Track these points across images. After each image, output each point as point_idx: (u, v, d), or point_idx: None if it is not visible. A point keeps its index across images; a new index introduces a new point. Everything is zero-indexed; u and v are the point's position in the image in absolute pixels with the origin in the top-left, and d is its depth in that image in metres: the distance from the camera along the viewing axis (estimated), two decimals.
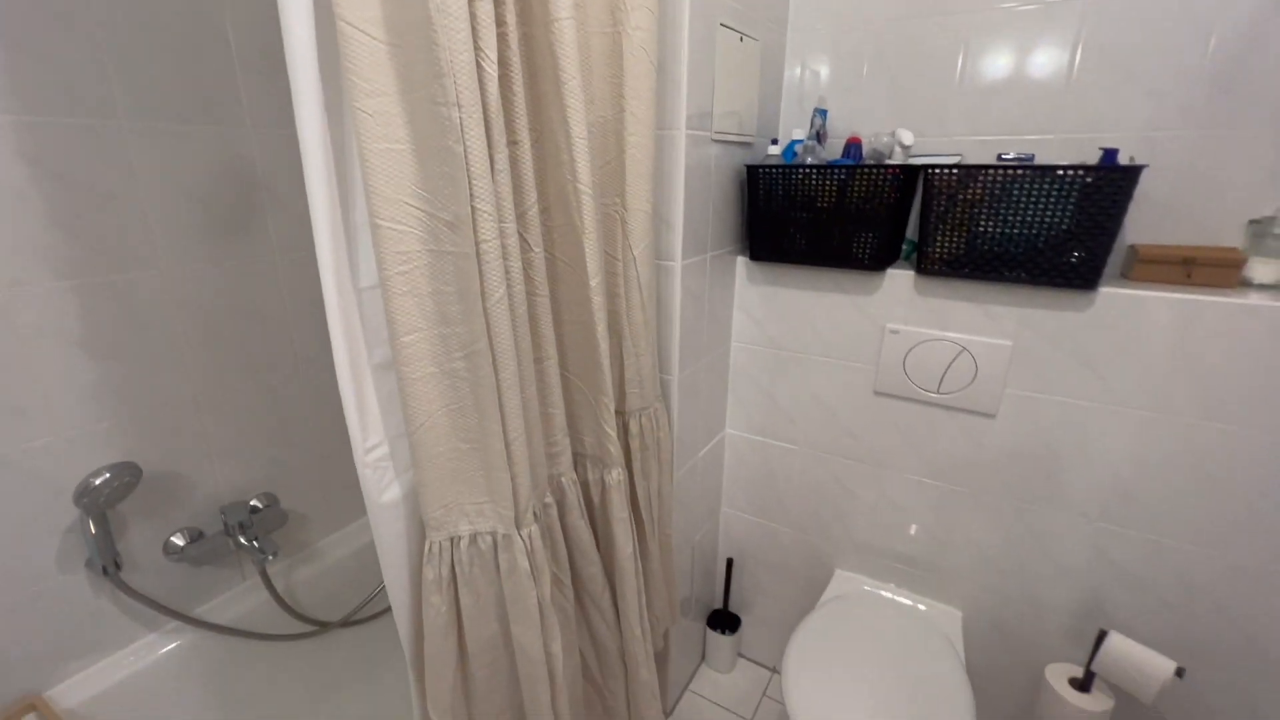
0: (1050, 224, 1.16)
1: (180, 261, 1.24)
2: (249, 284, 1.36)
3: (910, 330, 1.38)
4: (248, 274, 1.35)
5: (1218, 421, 1.13)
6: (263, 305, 1.39)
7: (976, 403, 1.34)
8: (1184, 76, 1.18)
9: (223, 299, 1.32)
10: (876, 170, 1.28)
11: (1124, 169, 1.09)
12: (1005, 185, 1.18)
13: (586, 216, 0.89)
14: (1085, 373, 1.22)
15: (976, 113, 1.38)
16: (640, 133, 1.05)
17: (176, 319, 1.25)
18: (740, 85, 1.38)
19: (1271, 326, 1.06)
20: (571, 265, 0.95)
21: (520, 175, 0.84)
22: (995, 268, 1.23)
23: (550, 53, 0.82)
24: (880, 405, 1.47)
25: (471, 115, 0.70)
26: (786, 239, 1.43)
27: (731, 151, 1.43)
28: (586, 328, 0.98)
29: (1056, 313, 1.23)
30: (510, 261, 0.81)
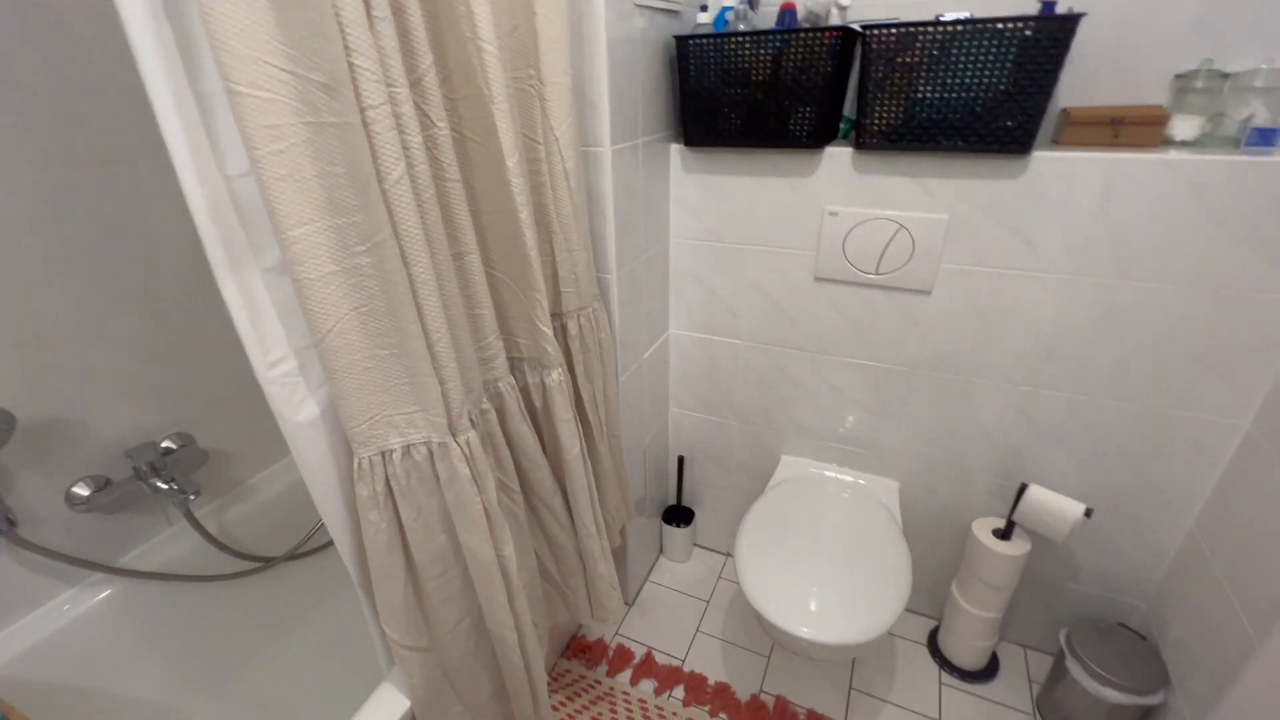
0: (989, 85, 1.11)
1: (17, 171, 1.04)
2: (109, 191, 1.16)
3: (849, 211, 1.35)
4: (106, 179, 1.15)
5: (1132, 279, 1.18)
6: (131, 215, 1.20)
7: (913, 281, 1.35)
8: None
9: (82, 214, 1.13)
10: (812, 35, 1.19)
11: (1063, 18, 1.04)
12: (944, 45, 1.12)
13: (494, 83, 0.78)
14: (1016, 241, 1.24)
15: None
16: None
17: (29, 241, 1.07)
18: None
19: (1188, 180, 1.08)
20: (484, 144, 0.84)
21: (408, 29, 0.71)
22: (934, 137, 1.19)
23: None
24: (821, 291, 1.46)
25: None
26: (721, 119, 1.34)
27: (659, 22, 1.29)
28: (509, 216, 0.88)
29: (992, 181, 1.21)
30: (408, 135, 0.70)
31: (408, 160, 0.70)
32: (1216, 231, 1.09)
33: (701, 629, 1.77)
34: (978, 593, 1.49)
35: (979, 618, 1.50)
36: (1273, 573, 1.05)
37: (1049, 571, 1.53)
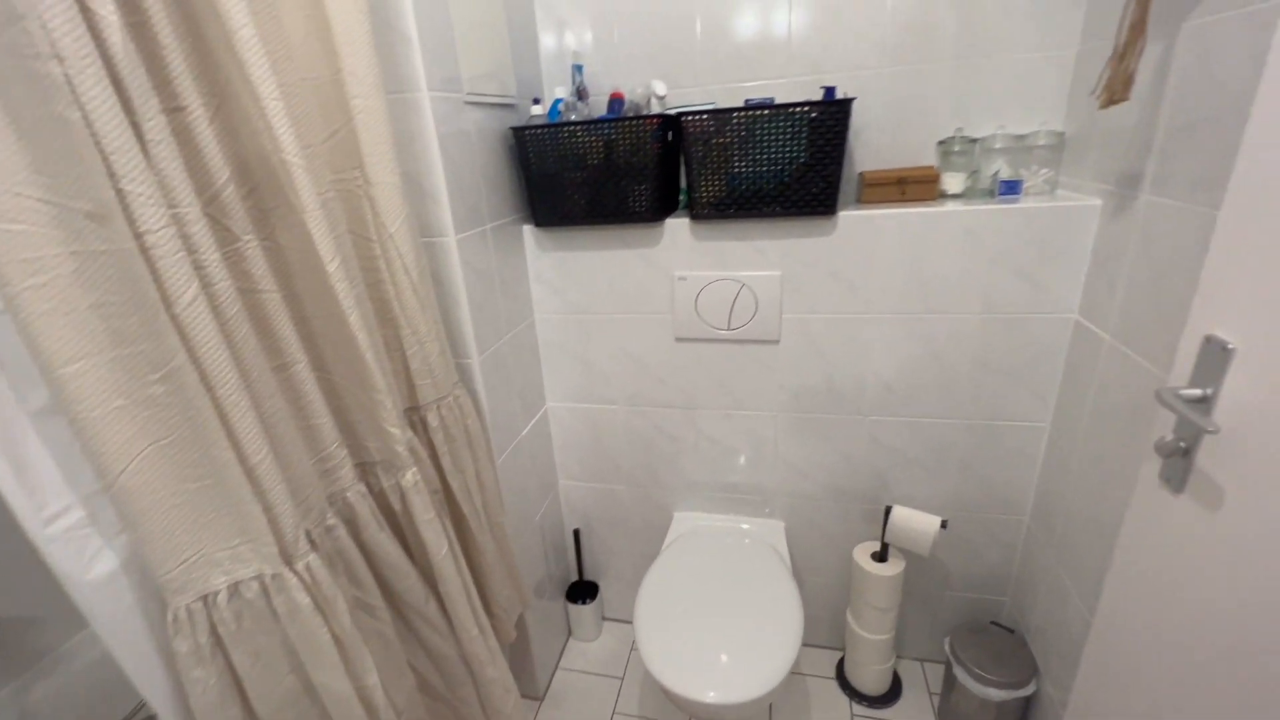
0: (791, 159, 1.26)
1: None
2: None
3: (696, 275, 1.44)
4: None
5: (938, 313, 1.35)
6: None
7: (762, 332, 1.46)
8: (875, 19, 1.35)
9: None
10: (637, 122, 1.30)
11: (839, 102, 1.22)
12: (750, 127, 1.26)
13: (303, 193, 0.77)
14: (840, 288, 1.38)
15: (722, 63, 1.46)
16: (366, 94, 0.93)
17: None
18: (489, 45, 1.30)
19: (961, 227, 1.27)
20: (302, 252, 0.82)
21: (197, 148, 0.69)
22: (755, 205, 1.32)
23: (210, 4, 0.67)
24: (683, 350, 1.53)
25: (84, 71, 0.54)
26: (566, 200, 1.41)
27: (494, 115, 1.35)
28: (338, 320, 0.85)
29: (810, 239, 1.36)
30: (201, 255, 0.67)
31: (203, 280, 0.67)
32: (992, 267, 1.28)
33: (619, 710, 1.69)
34: (869, 617, 1.55)
35: (874, 641, 1.57)
36: (1091, 550, 1.20)
37: (925, 584, 1.64)
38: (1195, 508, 0.80)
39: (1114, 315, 1.12)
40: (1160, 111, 0.98)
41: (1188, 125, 0.92)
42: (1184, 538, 0.82)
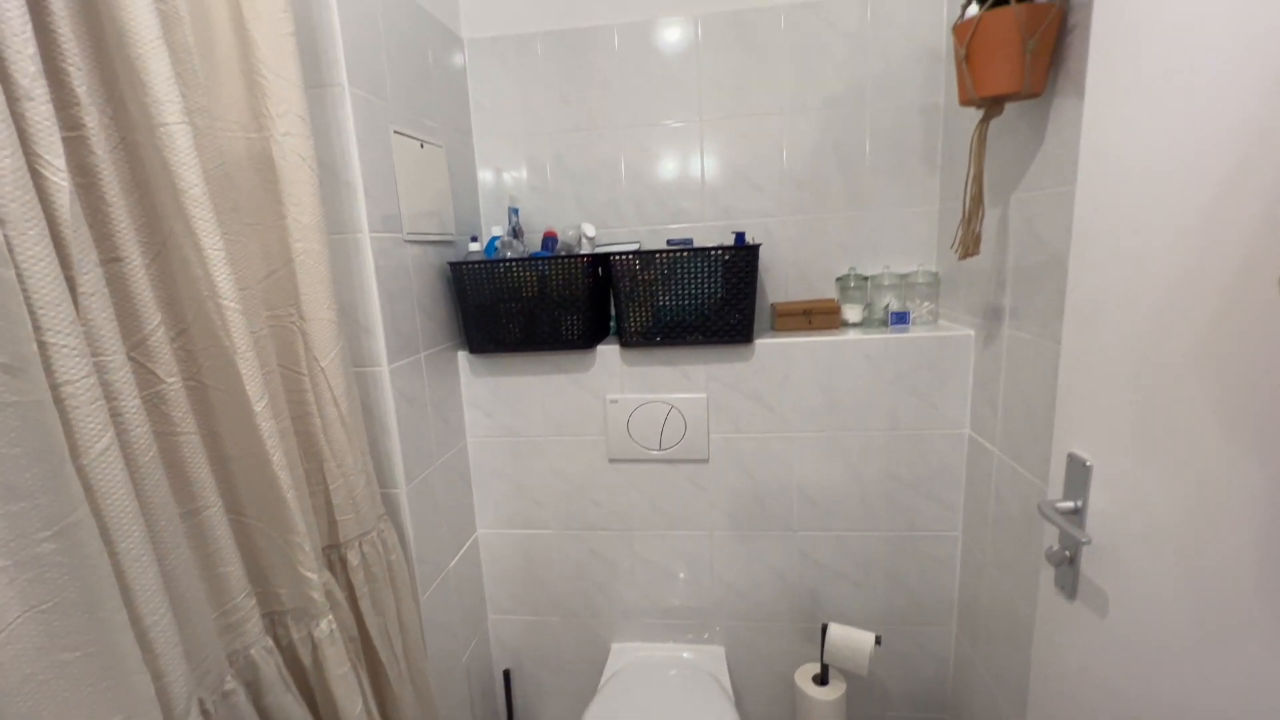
0: (710, 294, 1.40)
1: None
2: None
3: (627, 398, 1.50)
4: None
5: (848, 430, 1.46)
6: None
7: (692, 452, 1.51)
8: (774, 177, 1.57)
9: None
10: (569, 260, 1.41)
11: (748, 248, 1.38)
12: (672, 265, 1.39)
13: (236, 335, 0.78)
14: (761, 409, 1.47)
15: (645, 207, 1.63)
16: (308, 238, 0.98)
17: None
18: (430, 188, 1.40)
19: (861, 353, 1.42)
20: (229, 392, 0.81)
21: (131, 296, 0.70)
22: (679, 334, 1.43)
23: (161, 161, 0.71)
24: (616, 471, 1.55)
25: (27, 233, 0.56)
26: (501, 329, 1.47)
27: (433, 250, 1.42)
28: (259, 459, 0.83)
29: (731, 364, 1.47)
30: (121, 401, 0.65)
31: (119, 427, 0.65)
32: (892, 388, 1.42)
33: None
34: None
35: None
36: (1013, 660, 1.24)
37: (868, 707, 1.61)
38: (1088, 613, 0.87)
39: (999, 431, 1.25)
40: (1006, 260, 1.18)
41: (1027, 271, 1.11)
42: (1086, 644, 0.88)
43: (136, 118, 0.71)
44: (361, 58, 1.14)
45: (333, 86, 1.09)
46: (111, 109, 0.70)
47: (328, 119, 1.10)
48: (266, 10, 0.91)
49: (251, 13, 0.90)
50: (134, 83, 0.69)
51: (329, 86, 1.09)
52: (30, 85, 0.58)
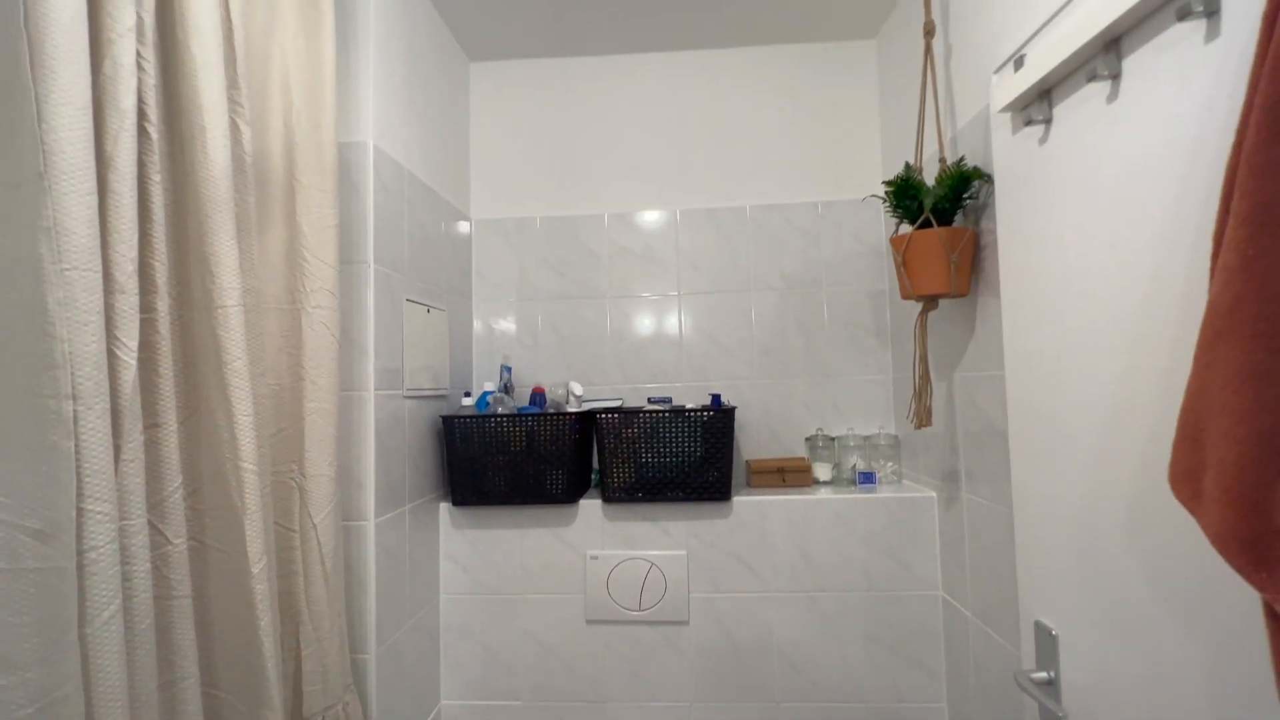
0: (689, 452, 1.48)
1: None
2: None
3: (607, 554, 1.51)
4: None
5: (826, 590, 1.47)
6: None
7: (672, 613, 1.49)
8: (743, 344, 1.75)
9: None
10: (557, 417, 1.49)
11: (725, 410, 1.50)
12: (654, 424, 1.49)
13: (249, 495, 0.81)
14: (740, 568, 1.49)
15: (628, 366, 1.77)
16: (322, 399, 1.05)
17: None
18: (430, 347, 1.51)
19: (833, 512, 1.48)
20: (228, 553, 0.82)
21: (160, 459, 0.74)
22: (660, 490, 1.48)
23: (213, 337, 0.80)
24: (593, 633, 1.50)
25: (93, 408, 0.62)
26: (487, 482, 1.50)
27: (427, 404, 1.50)
28: (245, 627, 0.82)
29: (710, 521, 1.51)
30: (133, 565, 0.67)
31: (126, 592, 0.66)
32: (864, 547, 1.47)
33: None
34: None
35: None
36: None
37: None
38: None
39: (970, 594, 1.29)
40: (956, 428, 1.31)
41: (974, 438, 1.24)
42: None
43: (199, 300, 0.81)
44: (386, 239, 1.30)
45: (359, 264, 1.24)
46: (178, 292, 0.80)
47: (351, 291, 1.22)
48: (317, 206, 1.06)
49: (304, 207, 1.06)
50: (204, 272, 0.80)
51: (356, 264, 1.23)
52: (125, 280, 0.68)
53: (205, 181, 0.79)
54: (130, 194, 0.69)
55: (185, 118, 0.79)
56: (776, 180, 1.78)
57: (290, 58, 1.06)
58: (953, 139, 1.28)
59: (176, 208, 0.80)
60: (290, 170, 1.05)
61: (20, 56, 0.60)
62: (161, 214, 0.76)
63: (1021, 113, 0.98)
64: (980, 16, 1.16)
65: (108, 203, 0.67)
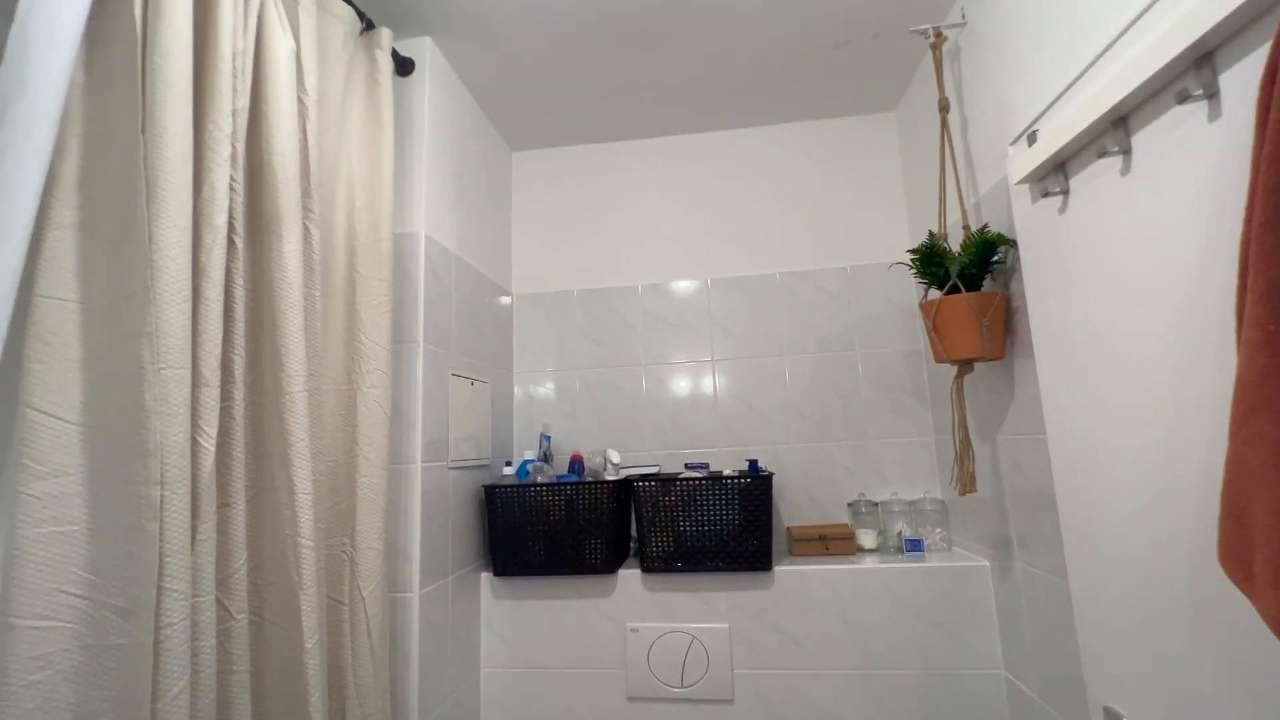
0: (728, 520, 1.47)
1: None
2: None
3: (648, 626, 1.48)
4: None
5: (879, 668, 1.40)
6: None
7: (715, 691, 1.44)
8: (779, 408, 1.75)
9: None
10: (595, 485, 1.52)
11: (763, 477, 1.49)
12: (691, 491, 1.49)
13: (306, 572, 0.86)
14: (785, 642, 1.44)
15: (664, 431, 1.79)
16: (373, 473, 1.11)
17: None
18: (474, 418, 1.58)
19: (879, 582, 1.43)
20: (285, 628, 0.86)
21: (229, 538, 0.80)
22: (700, 560, 1.47)
23: (280, 421, 0.88)
24: (635, 712, 1.46)
25: (176, 492, 0.69)
26: (526, 551, 1.51)
27: (470, 474, 1.55)
28: (298, 703, 0.84)
29: (752, 592, 1.47)
30: (201, 641, 0.71)
31: (194, 667, 0.70)
32: (916, 620, 1.40)
33: None
34: None
35: None
36: None
37: None
38: None
39: (1033, 673, 1.22)
40: (1004, 492, 1.27)
41: (1023, 503, 1.20)
42: None
43: (269, 387, 0.89)
44: (434, 319, 1.39)
45: (410, 344, 1.32)
46: (252, 381, 0.88)
47: (402, 369, 1.31)
48: (374, 294, 1.16)
49: (362, 296, 1.16)
50: (275, 362, 0.88)
51: (407, 344, 1.32)
52: (210, 375, 0.76)
53: (280, 282, 0.88)
54: (218, 299, 0.79)
55: (266, 227, 0.89)
56: (804, 247, 1.83)
57: (355, 165, 1.19)
58: (975, 205, 1.32)
59: (254, 305, 0.89)
60: (352, 263, 1.16)
61: (139, 189, 0.71)
62: (242, 312, 0.85)
63: (1039, 184, 1.01)
64: (992, 92, 1.21)
65: (199, 308, 0.76)
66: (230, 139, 0.83)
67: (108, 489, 0.67)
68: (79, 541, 0.65)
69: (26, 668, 0.60)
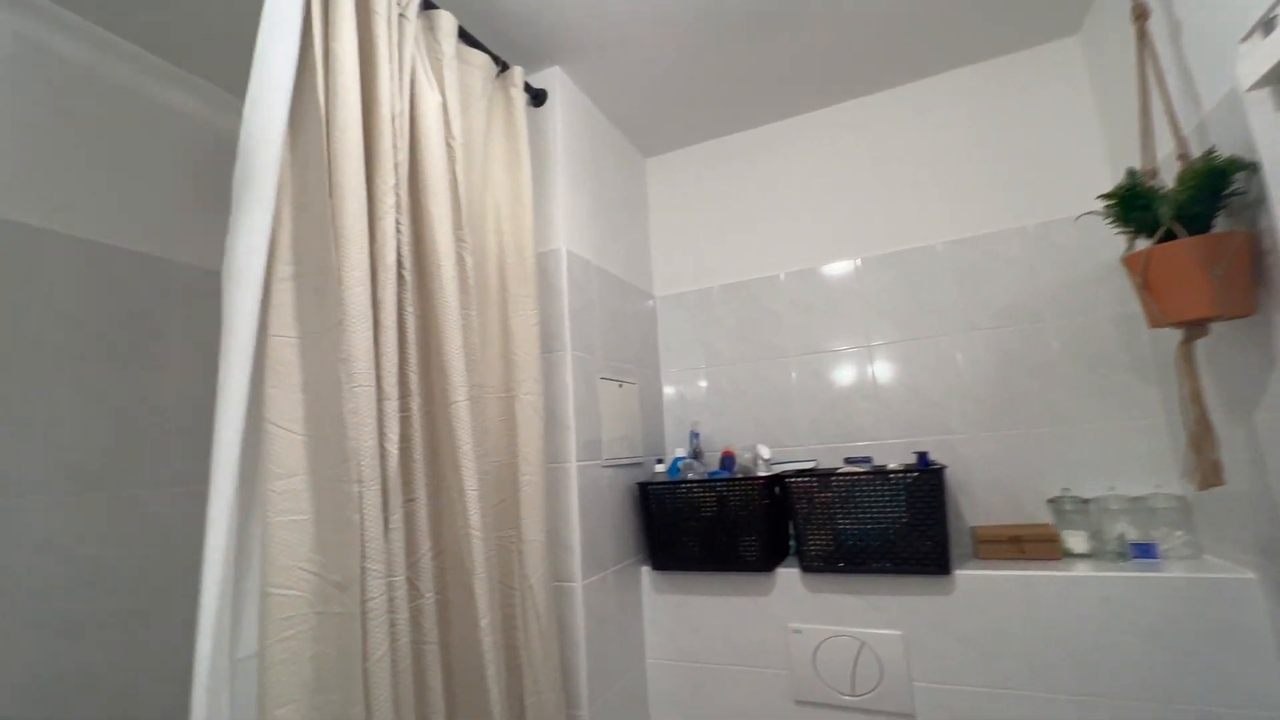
0: (894, 518, 1.35)
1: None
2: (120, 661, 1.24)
3: (811, 628, 1.42)
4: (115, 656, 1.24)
5: (1104, 697, 1.17)
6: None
7: (892, 702, 1.32)
8: (951, 394, 1.56)
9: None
10: (745, 482, 1.49)
11: (932, 470, 1.34)
12: (850, 487, 1.40)
13: (476, 559, 0.97)
14: (973, 655, 1.28)
15: (819, 425, 1.70)
16: (532, 472, 1.21)
17: None
18: (624, 418, 1.65)
19: (1097, 595, 1.20)
20: (462, 608, 0.99)
21: (415, 528, 0.94)
22: (863, 560, 1.36)
23: (449, 427, 1.01)
24: (804, 716, 1.40)
25: (370, 488, 0.82)
26: (682, 547, 1.54)
27: (624, 472, 1.62)
28: (477, 675, 0.96)
29: (928, 598, 1.33)
30: (397, 614, 0.85)
31: (392, 637, 0.83)
32: (1149, 644, 1.15)
33: None
34: None
35: None
36: None
37: None
38: None
39: None
40: (1269, 483, 0.99)
41: None
42: None
43: (438, 397, 1.03)
44: (580, 327, 1.48)
45: (558, 351, 1.43)
46: (424, 393, 1.03)
47: (552, 375, 1.41)
48: (522, 309, 1.28)
49: (513, 312, 1.28)
50: (441, 376, 1.01)
51: (555, 352, 1.43)
52: (390, 390, 0.90)
53: (440, 306, 1.01)
54: (392, 326, 0.93)
55: (427, 260, 1.03)
56: (971, 210, 1.61)
57: (500, 194, 1.32)
58: (1198, 127, 1.05)
59: (423, 329, 1.04)
60: (503, 282, 1.29)
61: (329, 243, 0.87)
62: (413, 335, 1.00)
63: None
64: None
65: (379, 335, 0.91)
66: (394, 189, 0.97)
67: (323, 486, 0.83)
68: (307, 528, 0.81)
69: (280, 627, 0.77)
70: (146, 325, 1.36)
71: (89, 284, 1.28)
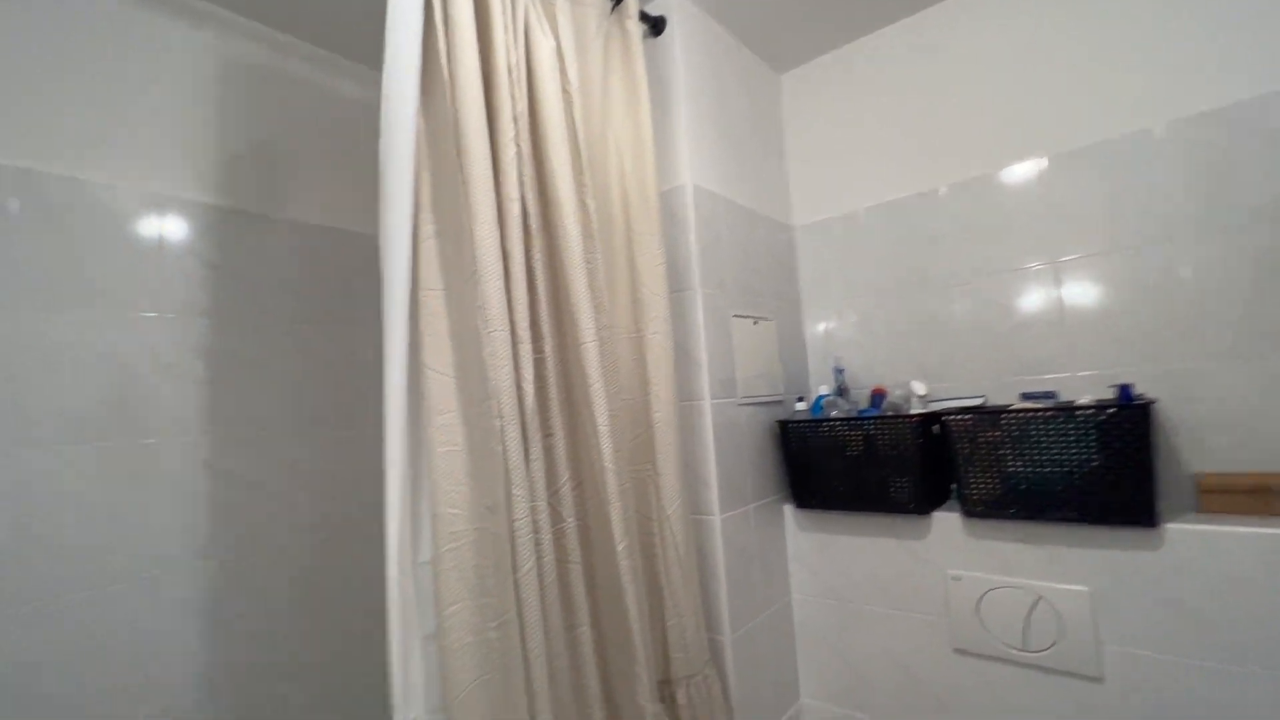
0: (1080, 460, 1.16)
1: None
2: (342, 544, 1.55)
3: (974, 576, 1.30)
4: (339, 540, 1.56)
5: None
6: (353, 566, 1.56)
7: (1074, 662, 1.18)
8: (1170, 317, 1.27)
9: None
10: (896, 420, 1.38)
11: (1135, 405, 1.12)
12: (1022, 425, 1.22)
13: (610, 490, 1.03)
14: (1184, 623, 1.08)
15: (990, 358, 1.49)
16: (664, 409, 1.24)
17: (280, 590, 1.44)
18: (761, 356, 1.60)
19: None
20: (602, 534, 1.06)
21: (554, 460, 1.02)
22: (1041, 508, 1.20)
23: (580, 367, 1.06)
24: (965, 666, 1.31)
25: (511, 424, 0.91)
26: (826, 486, 1.49)
27: (763, 410, 1.58)
28: (617, 591, 1.04)
29: (1128, 553, 1.14)
30: (541, 535, 0.94)
31: (537, 554, 0.93)
32: None
33: None
34: None
35: None
36: None
37: None
38: None
39: None
40: None
41: None
42: None
43: (569, 339, 1.08)
44: (709, 265, 1.45)
45: (688, 290, 1.41)
46: (556, 336, 1.09)
47: (683, 313, 1.41)
48: (648, 249, 1.27)
49: (639, 252, 1.28)
50: (570, 319, 1.06)
51: (685, 290, 1.41)
52: (523, 334, 0.97)
53: (565, 251, 1.05)
54: (522, 275, 0.99)
55: (550, 209, 1.07)
56: (1206, 75, 1.25)
57: (621, 134, 1.31)
58: None
59: (550, 274, 1.09)
60: (628, 223, 1.29)
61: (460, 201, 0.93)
62: (542, 283, 1.05)
63: None
64: None
65: (510, 283, 0.97)
66: (515, 140, 1.01)
67: (472, 421, 0.93)
68: (461, 458, 0.92)
69: (447, 539, 0.90)
70: (343, 290, 1.62)
71: (300, 258, 1.54)
